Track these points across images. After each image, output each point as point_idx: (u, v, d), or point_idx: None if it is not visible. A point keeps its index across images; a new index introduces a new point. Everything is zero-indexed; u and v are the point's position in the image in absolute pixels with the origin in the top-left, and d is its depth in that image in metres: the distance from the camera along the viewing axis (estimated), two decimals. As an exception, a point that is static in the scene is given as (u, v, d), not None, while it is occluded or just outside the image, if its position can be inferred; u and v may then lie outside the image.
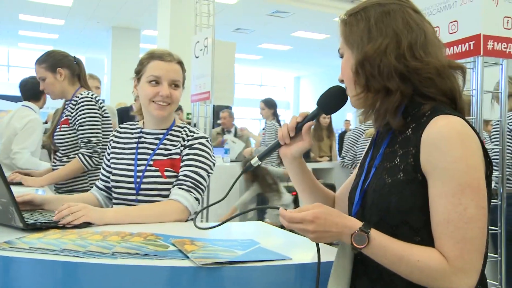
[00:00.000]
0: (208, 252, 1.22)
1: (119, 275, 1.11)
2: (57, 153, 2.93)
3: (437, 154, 1.04)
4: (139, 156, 1.94)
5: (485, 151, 1.09)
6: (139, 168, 1.91)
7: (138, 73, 1.95)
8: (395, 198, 1.10)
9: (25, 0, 11.04)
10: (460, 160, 1.02)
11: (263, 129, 6.56)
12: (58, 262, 1.12)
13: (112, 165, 1.99)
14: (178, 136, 1.94)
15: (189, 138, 1.92)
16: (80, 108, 2.79)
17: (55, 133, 2.89)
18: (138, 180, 1.89)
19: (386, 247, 1.06)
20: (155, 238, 1.34)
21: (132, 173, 1.92)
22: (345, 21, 1.22)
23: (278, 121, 6.37)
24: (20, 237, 1.33)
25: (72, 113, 2.82)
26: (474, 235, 1.00)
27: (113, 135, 2.07)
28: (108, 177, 2.00)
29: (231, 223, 1.58)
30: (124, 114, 5.64)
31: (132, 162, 1.94)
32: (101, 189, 2.03)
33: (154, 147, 1.94)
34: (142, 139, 1.97)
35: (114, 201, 1.97)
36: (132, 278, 1.11)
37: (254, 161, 1.39)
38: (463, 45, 2.35)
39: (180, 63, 1.96)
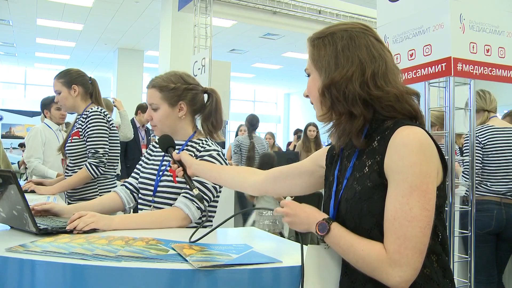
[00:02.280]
0: (205, 255, 1.21)
1: (123, 276, 1.10)
2: (69, 163, 2.92)
3: (396, 158, 1.06)
4: (162, 163, 1.96)
5: (443, 159, 1.12)
6: (160, 173, 1.94)
7: None
8: (366, 203, 1.10)
9: (42, 25, 11.09)
10: (414, 165, 1.03)
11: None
12: (68, 264, 1.12)
13: (142, 169, 2.02)
14: (194, 147, 1.93)
15: (201, 150, 1.90)
16: (90, 121, 2.79)
17: (67, 144, 2.89)
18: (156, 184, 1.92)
19: (340, 237, 1.10)
20: (156, 243, 1.33)
21: (153, 177, 1.94)
22: (313, 43, 1.22)
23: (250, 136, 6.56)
24: (33, 241, 1.32)
25: (82, 126, 2.82)
26: (414, 233, 1.01)
27: (149, 148, 2.11)
28: (137, 179, 2.03)
29: (226, 229, 1.57)
30: None
31: (157, 167, 1.96)
32: (130, 184, 2.03)
33: None
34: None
35: (139, 200, 1.98)
36: (135, 279, 1.10)
37: (195, 192, 1.60)
38: (436, 66, 2.37)
39: (156, 86, 1.92)
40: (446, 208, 2.37)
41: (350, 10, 6.73)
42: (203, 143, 1.93)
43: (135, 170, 2.08)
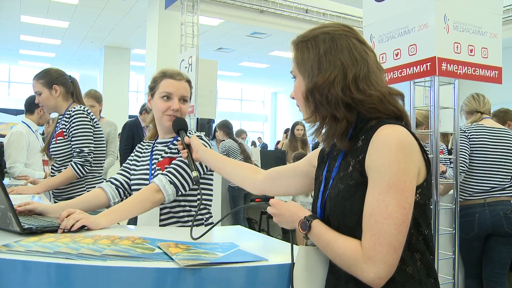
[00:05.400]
0: (191, 254, 1.21)
1: (109, 276, 1.10)
2: (54, 164, 2.89)
3: (375, 157, 1.07)
4: (153, 161, 1.99)
5: (426, 158, 1.13)
6: (152, 172, 1.97)
7: (152, 89, 1.99)
8: (348, 202, 1.11)
9: (26, 22, 10.97)
10: (392, 163, 1.04)
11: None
12: (52, 264, 1.11)
13: (133, 171, 2.04)
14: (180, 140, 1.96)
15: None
16: (74, 121, 2.76)
17: (51, 145, 2.86)
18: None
19: (320, 234, 1.12)
20: (142, 242, 1.33)
21: (147, 176, 1.97)
22: (297, 46, 1.24)
23: (234, 139, 6.40)
24: (17, 241, 1.30)
25: (66, 125, 2.79)
26: (389, 230, 1.02)
27: (138, 147, 2.13)
28: (124, 176, 2.04)
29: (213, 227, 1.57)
30: (134, 126, 5.43)
31: (148, 167, 1.99)
32: (116, 180, 2.02)
33: (162, 152, 1.98)
34: (155, 148, 2.03)
35: None
36: (121, 278, 1.09)
37: (195, 176, 1.68)
38: (421, 65, 2.40)
39: (188, 81, 2.02)
40: (431, 206, 2.40)
41: (336, 9, 6.76)
42: (189, 133, 1.97)
43: (123, 167, 2.08)
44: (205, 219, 1.94)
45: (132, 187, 2.00)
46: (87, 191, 2.76)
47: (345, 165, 1.16)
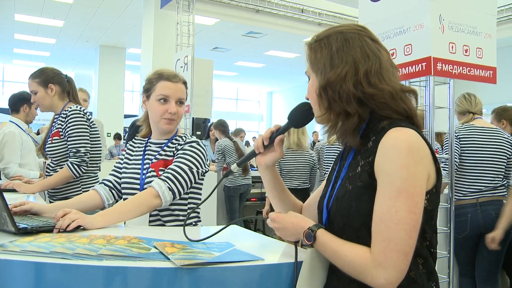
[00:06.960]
0: (187, 254, 1.21)
1: (105, 275, 1.10)
2: (50, 164, 2.88)
3: (385, 160, 1.07)
4: (145, 161, 1.98)
5: (436, 161, 1.12)
6: (143, 172, 1.96)
7: (147, 91, 1.97)
8: (355, 203, 1.11)
9: (20, 21, 10.93)
10: (402, 168, 1.04)
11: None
12: (48, 264, 1.10)
13: (123, 169, 2.03)
14: (178, 141, 1.98)
15: (182, 142, 1.95)
16: (70, 121, 2.75)
17: (47, 145, 2.85)
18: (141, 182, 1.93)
19: (326, 244, 1.12)
20: (138, 241, 1.32)
21: (138, 176, 1.96)
22: (311, 46, 1.24)
23: (230, 138, 6.25)
24: (12, 241, 1.30)
25: (62, 125, 2.78)
26: (400, 236, 1.02)
27: (130, 144, 2.12)
28: (117, 176, 2.03)
29: (208, 227, 1.57)
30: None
31: (139, 166, 1.98)
32: (109, 181, 2.02)
33: (156, 154, 1.97)
34: (148, 148, 2.02)
35: (124, 197, 1.98)
36: (117, 278, 1.09)
37: (234, 168, 1.42)
38: (416, 65, 2.41)
39: (185, 83, 2.00)
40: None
41: (332, 9, 6.78)
42: (184, 137, 1.99)
43: (114, 167, 2.07)
44: (193, 223, 1.94)
45: (122, 185, 1.99)
46: (83, 191, 2.76)
47: (354, 165, 1.17)
